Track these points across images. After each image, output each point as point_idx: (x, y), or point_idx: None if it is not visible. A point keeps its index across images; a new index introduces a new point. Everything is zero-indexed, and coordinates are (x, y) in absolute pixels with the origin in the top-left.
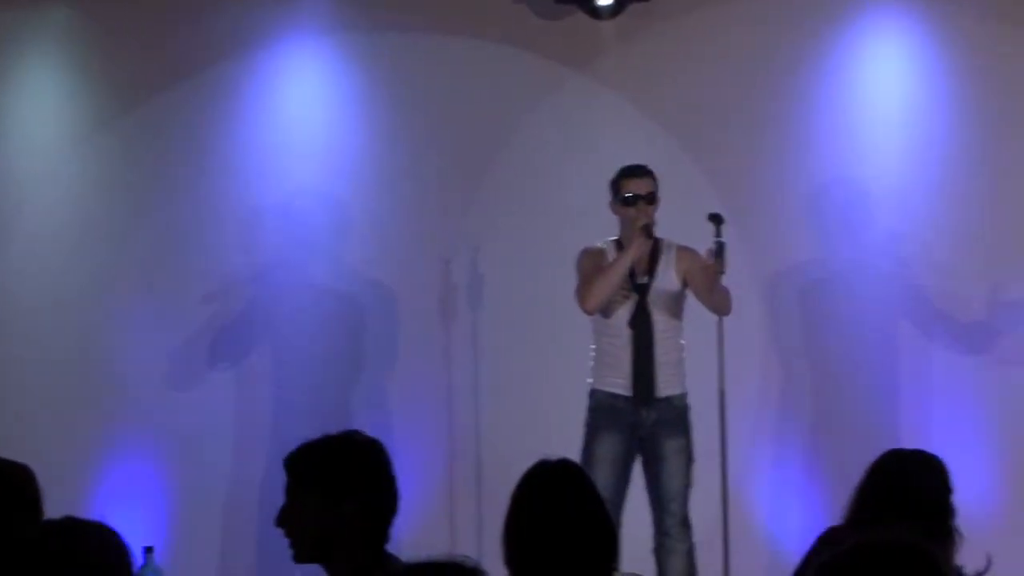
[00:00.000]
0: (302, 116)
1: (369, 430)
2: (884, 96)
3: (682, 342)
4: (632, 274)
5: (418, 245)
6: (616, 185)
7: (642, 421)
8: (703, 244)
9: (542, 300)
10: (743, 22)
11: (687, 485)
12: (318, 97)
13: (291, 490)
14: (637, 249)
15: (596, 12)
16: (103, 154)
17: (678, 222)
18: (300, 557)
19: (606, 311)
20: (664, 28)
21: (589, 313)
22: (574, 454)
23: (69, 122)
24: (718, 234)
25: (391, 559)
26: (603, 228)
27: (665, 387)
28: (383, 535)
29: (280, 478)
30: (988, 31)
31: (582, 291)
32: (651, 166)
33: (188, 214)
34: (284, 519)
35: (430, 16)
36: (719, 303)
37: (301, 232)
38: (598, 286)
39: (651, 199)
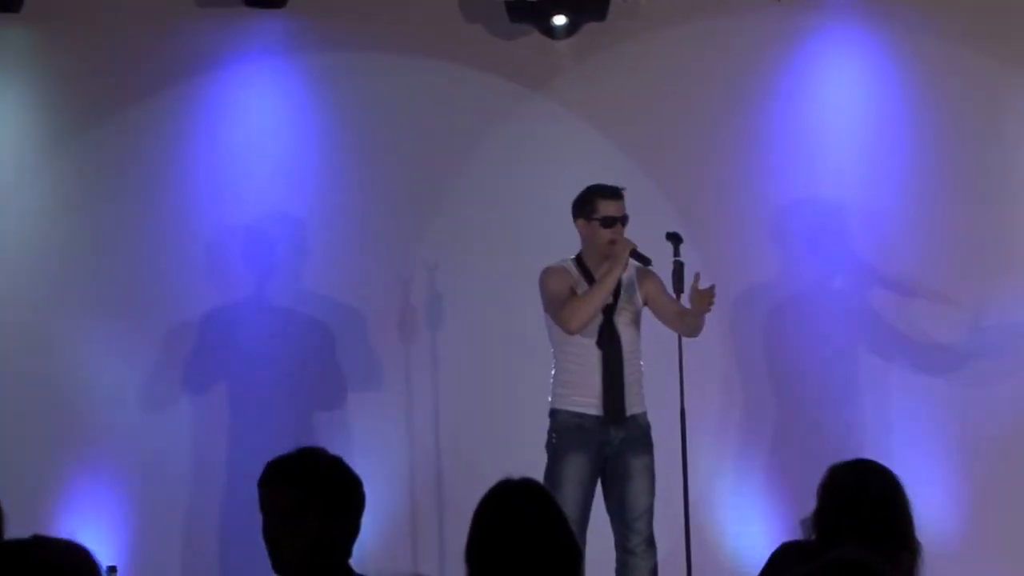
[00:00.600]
0: (259, 137)
1: (330, 448)
2: (841, 115)
3: (641, 362)
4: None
5: (377, 266)
6: (589, 205)
7: (610, 440)
8: (663, 262)
9: (500, 319)
10: (700, 42)
11: (652, 503)
12: (275, 118)
13: (264, 506)
14: (620, 271)
15: (551, 32)
16: (60, 175)
17: (637, 241)
18: (279, 570)
19: (576, 330)
20: (621, 48)
21: (572, 334)
22: (535, 471)
23: (25, 143)
24: (676, 253)
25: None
26: (560, 247)
27: (631, 406)
28: (346, 551)
29: (241, 496)
30: (943, 51)
31: (564, 313)
32: (623, 191)
33: (146, 236)
34: (265, 533)
35: (385, 35)
36: (693, 327)
37: (260, 253)
38: (584, 308)
39: (626, 221)
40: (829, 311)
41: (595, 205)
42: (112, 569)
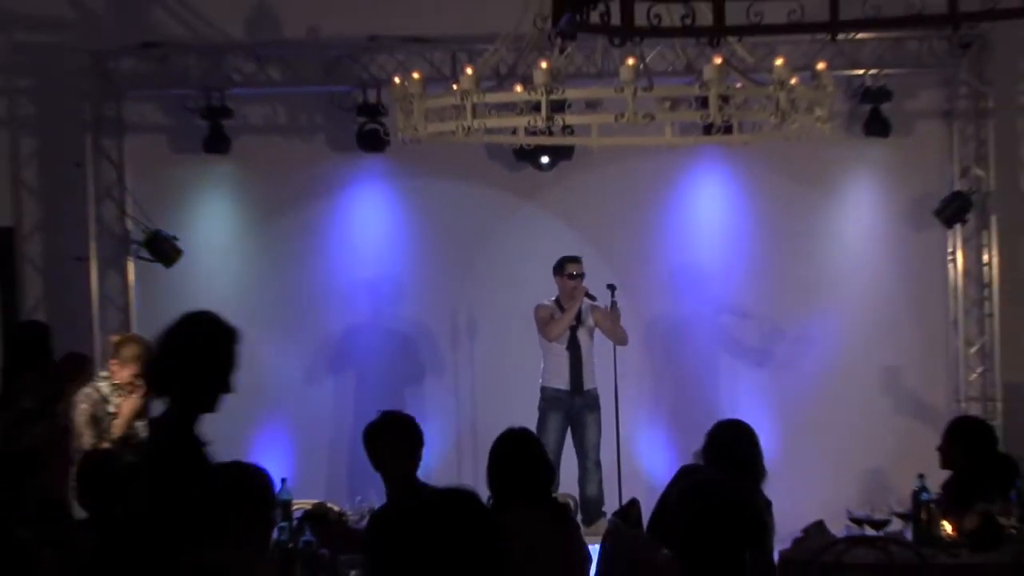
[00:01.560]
0: (370, 227)
1: (410, 411)
2: (712, 215)
3: (594, 359)
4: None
5: (438, 301)
6: (561, 267)
7: (574, 404)
8: (604, 299)
9: (511, 334)
10: (629, 172)
11: (599, 441)
12: (379, 215)
13: (366, 444)
14: (578, 306)
15: (540, 167)
16: (252, 248)
17: (589, 287)
18: (378, 468)
19: (554, 340)
20: (581, 175)
21: (551, 342)
22: (530, 423)
23: (231, 230)
24: (612, 295)
25: (423, 484)
26: (545, 292)
27: (587, 384)
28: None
29: (357, 437)
30: (767, 177)
31: (546, 330)
32: (581, 260)
33: (304, 283)
34: (369, 454)
35: (442, 167)
36: (620, 337)
37: (371, 294)
38: (557, 327)
39: (583, 276)
40: (703, 328)
41: (564, 267)
42: (283, 480)
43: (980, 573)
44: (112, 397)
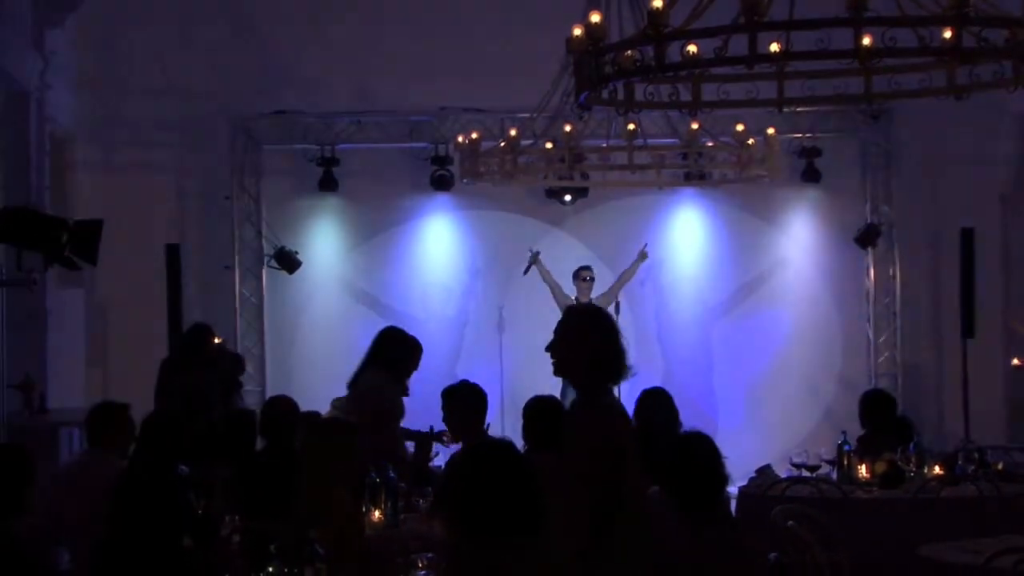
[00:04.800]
0: (441, 245)
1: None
2: (692, 240)
3: None
4: None
5: (487, 300)
6: (577, 273)
7: None
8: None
9: (542, 324)
10: (628, 208)
11: None
12: (447, 236)
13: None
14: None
15: (564, 203)
16: (354, 259)
17: (596, 291)
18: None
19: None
20: (596, 209)
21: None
22: (556, 391)
23: (334, 252)
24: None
25: (487, 435)
26: (568, 292)
27: None
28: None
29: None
30: (735, 216)
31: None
32: (591, 267)
33: (392, 285)
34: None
35: (493, 202)
36: (628, 276)
37: (438, 294)
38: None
39: (592, 279)
40: (686, 324)
41: (579, 273)
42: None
43: (887, 504)
44: None
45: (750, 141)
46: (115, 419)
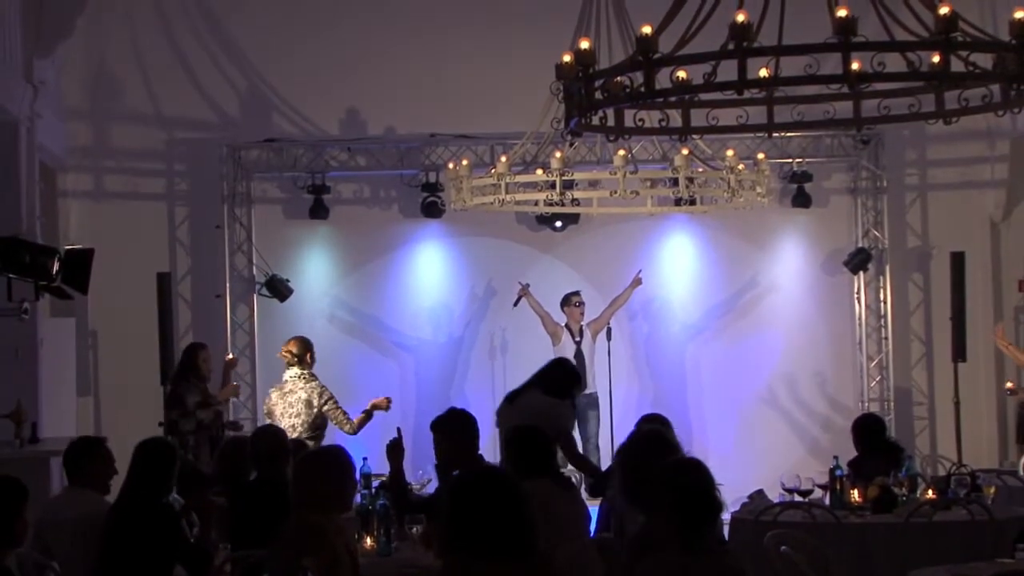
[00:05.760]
0: (432, 272)
1: (464, 404)
2: (682, 265)
3: (595, 368)
4: (575, 336)
5: (479, 326)
6: (567, 299)
7: (579, 403)
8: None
9: (532, 349)
10: (618, 234)
11: (598, 431)
12: (438, 263)
13: (434, 431)
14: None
15: (555, 229)
16: (339, 293)
17: (587, 317)
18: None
19: (556, 343)
20: (587, 235)
21: (551, 335)
22: None
23: (325, 278)
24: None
25: (482, 460)
26: (558, 318)
27: (589, 388)
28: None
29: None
30: (722, 239)
31: (548, 329)
32: (580, 292)
33: (384, 311)
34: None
35: (484, 229)
36: (623, 300)
37: (429, 320)
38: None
39: (582, 304)
40: (678, 346)
41: (569, 299)
42: (364, 458)
43: (879, 529)
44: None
45: (740, 166)
46: (93, 454)
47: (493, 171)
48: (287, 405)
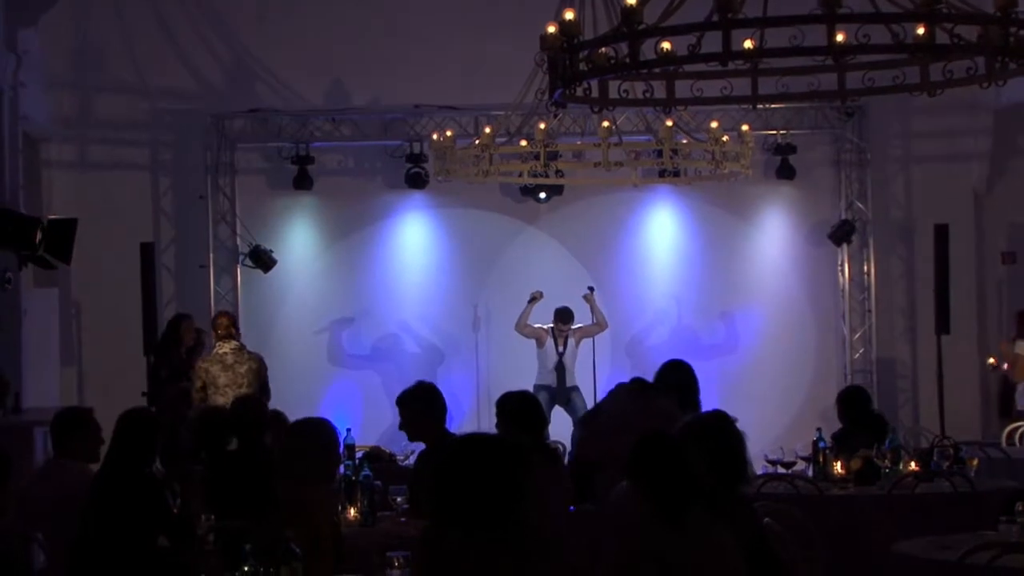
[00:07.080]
0: (415, 243)
1: (447, 374)
2: (666, 237)
3: (576, 364)
4: (558, 345)
5: (462, 298)
6: (560, 316)
7: (559, 393)
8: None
9: (510, 325)
10: (604, 205)
11: (585, 406)
12: (422, 234)
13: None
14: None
15: (539, 200)
16: (328, 257)
17: (576, 291)
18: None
19: (523, 332)
20: (571, 207)
21: (524, 334)
22: (530, 386)
23: (308, 249)
24: (591, 292)
25: (449, 433)
26: (542, 289)
27: (568, 382)
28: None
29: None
30: (709, 213)
31: (522, 330)
32: (563, 274)
33: (368, 283)
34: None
35: (468, 200)
36: (602, 323)
37: (413, 292)
38: (525, 323)
39: (568, 330)
40: (662, 319)
41: (561, 316)
42: (348, 429)
43: (862, 501)
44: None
45: (724, 138)
46: (80, 424)
47: (478, 141)
48: (235, 376)
